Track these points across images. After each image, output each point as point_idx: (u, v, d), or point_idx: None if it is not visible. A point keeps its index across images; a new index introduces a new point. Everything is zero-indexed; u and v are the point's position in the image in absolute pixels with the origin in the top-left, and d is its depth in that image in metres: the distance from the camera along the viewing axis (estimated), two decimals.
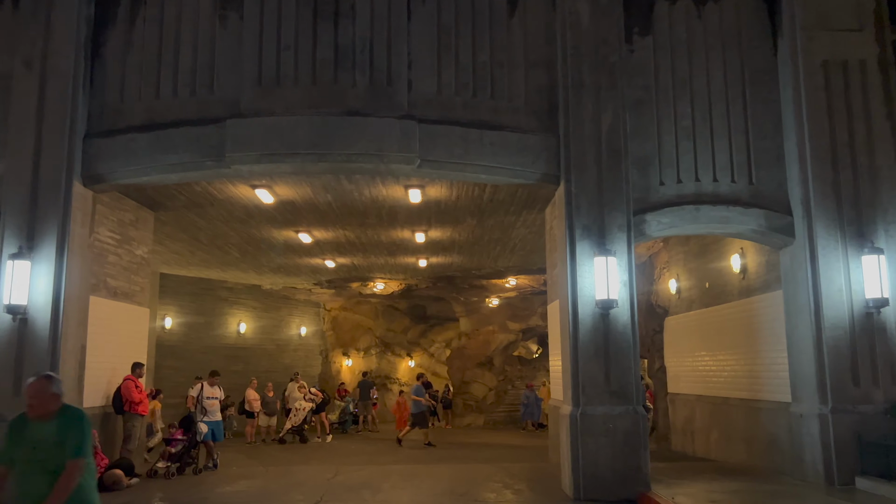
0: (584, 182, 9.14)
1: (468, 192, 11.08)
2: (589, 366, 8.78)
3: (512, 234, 14.19)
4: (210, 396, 11.50)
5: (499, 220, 12.98)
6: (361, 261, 17.57)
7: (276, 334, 23.06)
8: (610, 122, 9.26)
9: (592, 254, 8.94)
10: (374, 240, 14.81)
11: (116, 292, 10.81)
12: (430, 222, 13.13)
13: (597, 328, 8.85)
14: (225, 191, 10.90)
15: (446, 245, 15.42)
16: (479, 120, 9.37)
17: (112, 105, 9.49)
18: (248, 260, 17.22)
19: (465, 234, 14.22)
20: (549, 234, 11.60)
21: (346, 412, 21.20)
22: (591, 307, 8.87)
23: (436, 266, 18.45)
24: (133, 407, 10.44)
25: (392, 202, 11.58)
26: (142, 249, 11.74)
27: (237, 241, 14.76)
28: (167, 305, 19.46)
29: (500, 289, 21.77)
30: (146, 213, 11.86)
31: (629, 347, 8.83)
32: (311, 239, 14.44)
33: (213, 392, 11.58)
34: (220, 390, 11.83)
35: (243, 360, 21.55)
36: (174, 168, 9.35)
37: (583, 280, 8.93)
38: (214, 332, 20.87)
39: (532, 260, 17.35)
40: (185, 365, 19.38)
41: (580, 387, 8.75)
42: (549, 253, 11.64)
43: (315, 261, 17.39)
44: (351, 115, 9.11)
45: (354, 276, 20.38)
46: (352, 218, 12.74)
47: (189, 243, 15.06)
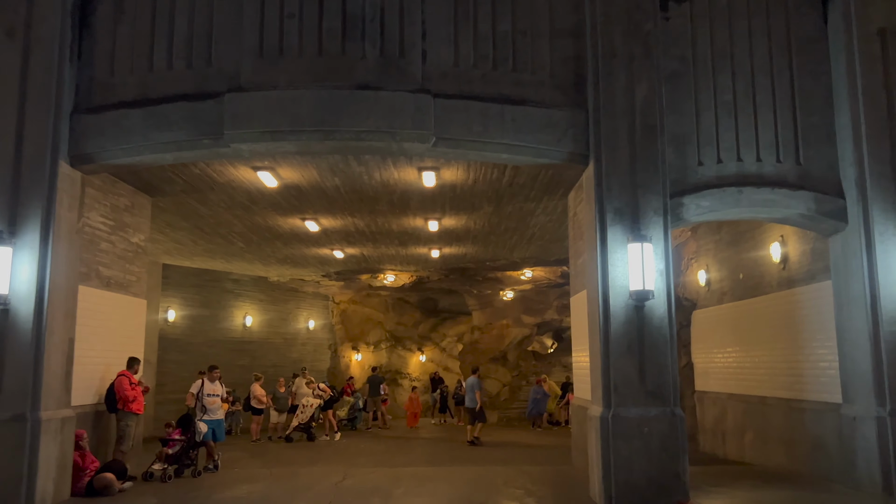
0: (615, 161, 8.33)
1: (486, 175, 10.29)
2: (621, 363, 7.99)
3: (530, 222, 13.39)
4: (210, 393, 10.77)
5: (517, 206, 12.18)
6: (371, 251, 16.82)
7: (283, 328, 22.39)
8: (644, 95, 8.43)
9: (625, 240, 8.13)
10: (385, 228, 14.05)
11: (110, 282, 10.10)
12: (444, 209, 12.36)
13: (630, 322, 8.05)
14: (225, 173, 10.16)
15: (460, 234, 14.64)
16: (500, 94, 8.56)
17: (101, 79, 8.74)
18: (253, 250, 16.50)
19: (481, 222, 13.43)
20: (573, 220, 10.81)
21: (356, 408, 20.50)
22: (624, 298, 8.08)
23: (449, 257, 17.67)
24: (126, 405, 9.73)
25: (404, 186, 10.80)
26: (138, 237, 11.03)
27: (241, 229, 14.04)
28: (170, 297, 18.80)
29: (515, 281, 20.97)
30: (143, 199, 11.15)
31: (666, 343, 8.03)
32: (319, 227, 13.69)
33: (214, 388, 10.85)
34: (221, 386, 11.10)
35: (250, 354, 20.89)
36: (169, 147, 8.60)
37: (615, 269, 8.13)
38: (219, 326, 20.20)
39: (550, 250, 16.56)
40: (189, 359, 18.75)
41: (612, 386, 7.96)
42: (573, 241, 10.85)
43: (323, 251, 16.66)
44: (360, 89, 8.33)
45: (364, 268, 19.64)
46: (361, 204, 11.98)
47: (191, 232, 14.35)
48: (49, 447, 7.91)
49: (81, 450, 8.80)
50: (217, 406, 10.78)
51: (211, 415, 10.62)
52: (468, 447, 15.23)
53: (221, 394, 11.05)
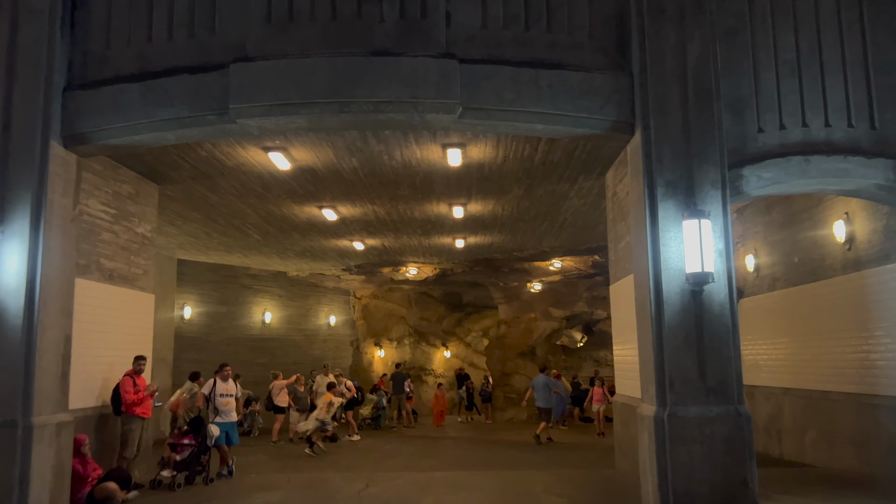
0: (666, 129, 7.40)
1: (517, 152, 9.40)
2: (678, 356, 7.07)
3: (563, 206, 12.47)
4: (223, 394, 9.99)
5: (550, 188, 11.28)
6: (393, 242, 16.01)
7: (303, 324, 21.69)
8: (697, 54, 7.49)
9: (679, 216, 7.21)
10: (407, 216, 13.21)
11: (112, 275, 9.38)
12: (470, 193, 11.48)
13: (687, 309, 7.12)
14: (234, 156, 9.39)
15: (487, 221, 13.76)
16: (534, 58, 7.66)
17: (97, 51, 7.99)
18: (270, 243, 15.77)
19: (510, 207, 12.54)
20: (612, 201, 9.89)
21: (379, 406, 19.73)
22: (680, 283, 7.15)
23: (474, 247, 16.80)
24: (129, 408, 9.01)
25: (427, 167, 9.95)
26: (144, 227, 10.31)
27: (256, 220, 13.29)
28: (186, 294, 18.17)
29: (544, 272, 20.04)
30: (149, 186, 10.42)
31: (728, 333, 7.09)
32: (337, 216, 12.90)
33: (227, 388, 10.08)
34: (235, 386, 10.33)
35: (269, 351, 20.22)
36: (170, 124, 7.82)
37: (667, 250, 7.21)
38: (238, 323, 19.54)
39: (581, 238, 15.62)
40: (207, 357, 18.08)
41: (667, 382, 7.04)
42: (613, 224, 9.93)
43: (342, 242, 15.88)
44: (378, 56, 7.48)
45: (385, 261, 18.84)
46: (381, 189, 11.15)
47: (204, 224, 13.63)
48: (43, 455, 7.18)
49: (82, 456, 8.08)
50: (230, 407, 10.02)
51: (224, 417, 9.87)
52: (501, 448, 14.38)
53: (236, 393, 10.29)
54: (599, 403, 16.71)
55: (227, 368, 10.33)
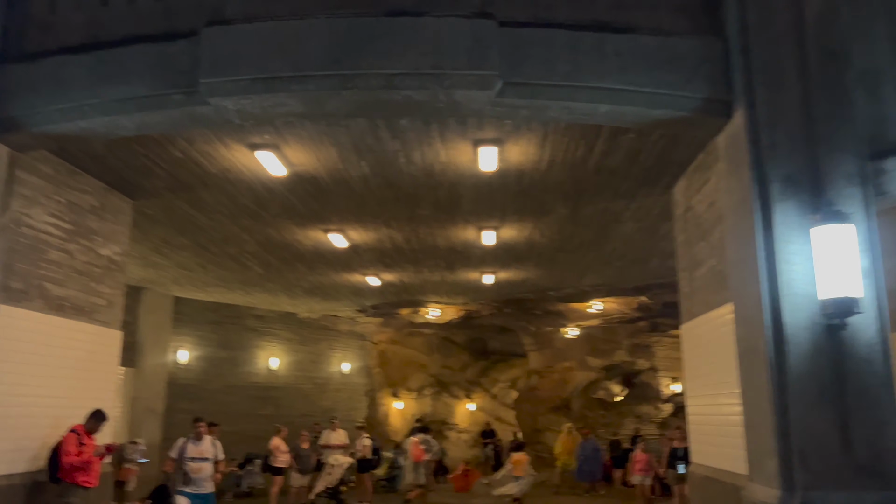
0: (780, 106, 5.48)
1: (567, 154, 7.49)
2: (810, 418, 4.98)
3: (614, 232, 10.49)
4: (195, 457, 7.95)
5: (601, 208, 9.34)
6: (412, 277, 14.09)
7: (314, 371, 19.67)
8: (818, 10, 5.60)
9: (805, 222, 5.21)
10: (428, 244, 11.31)
11: (63, 305, 7.54)
12: (504, 212, 9.57)
13: (820, 351, 5.06)
14: (216, 158, 7.60)
15: (522, 251, 11.80)
16: (596, 20, 5.85)
17: (39, 16, 6.37)
18: (273, 277, 13.93)
19: (550, 233, 10.59)
20: (685, 218, 7.91)
21: (396, 465, 17.49)
22: (809, 314, 5.10)
23: (504, 284, 14.82)
24: (69, 474, 7.02)
25: (454, 174, 8.07)
26: (111, 249, 8.51)
27: (253, 247, 11.47)
28: (183, 336, 16.31)
29: (581, 315, 17.94)
30: (118, 200, 8.66)
31: (882, 384, 5.00)
32: (347, 242, 11.03)
33: (200, 450, 8.02)
34: (212, 446, 8.26)
35: (274, 402, 18.17)
36: (126, 107, 6.09)
37: (789, 269, 5.19)
38: (240, 369, 17.58)
39: (629, 274, 13.58)
40: (203, 408, 16.00)
41: (796, 456, 4.93)
42: (686, 247, 7.93)
43: (355, 277, 13.99)
44: (393, 16, 5.73)
45: (404, 300, 16.90)
46: (398, 206, 9.29)
47: (195, 252, 11.85)
48: None
49: None
50: (205, 474, 7.92)
51: (196, 486, 7.80)
52: None
53: (213, 456, 8.21)
54: (643, 474, 12.90)
55: (201, 425, 8.28)
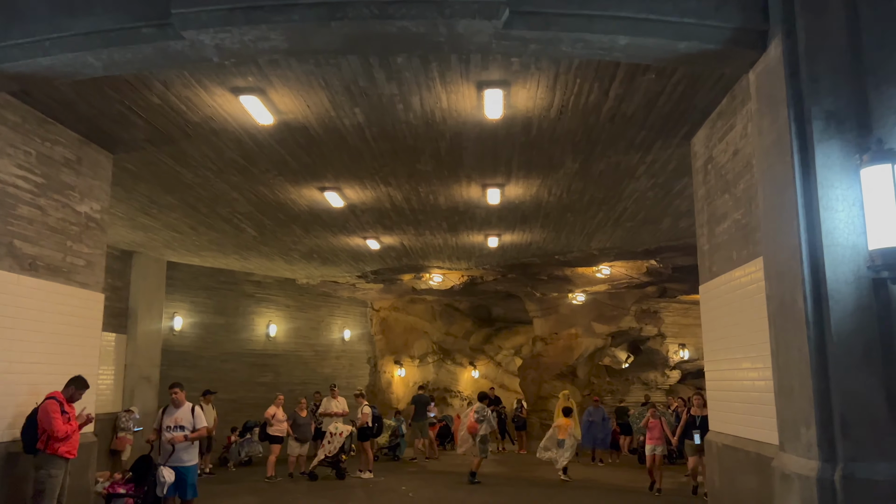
0: (822, 34, 4.84)
1: (579, 99, 6.87)
2: (854, 382, 4.45)
3: (626, 189, 9.89)
4: (170, 426, 7.42)
5: (614, 162, 8.73)
6: (413, 241, 13.54)
7: (314, 338, 19.25)
8: None
9: (852, 163, 4.62)
10: (430, 203, 10.73)
11: (36, 265, 7.03)
12: (510, 167, 8.97)
13: (867, 308, 4.51)
14: (197, 104, 6.99)
15: (528, 211, 11.22)
16: None
17: None
18: (269, 240, 13.39)
19: (559, 190, 9.99)
20: (706, 170, 7.33)
21: (398, 433, 17.18)
22: (854, 266, 4.54)
23: (509, 248, 14.26)
24: (52, 445, 6.57)
25: (457, 123, 7.46)
26: (89, 205, 7.97)
27: (245, 207, 10.91)
28: (177, 302, 15.84)
29: (588, 281, 17.40)
30: (96, 153, 8.09)
31: None
32: (343, 202, 10.46)
33: (177, 418, 7.45)
34: (190, 414, 7.59)
35: (273, 369, 17.80)
36: (91, 41, 5.50)
37: (832, 216, 4.61)
38: (237, 336, 17.15)
39: (639, 236, 13.00)
40: (200, 375, 15.74)
41: (837, 424, 4.42)
42: (706, 201, 7.36)
43: (354, 240, 13.44)
44: None
45: (405, 266, 16.37)
46: (396, 161, 8.70)
47: (185, 213, 11.29)
48: None
49: None
50: (185, 445, 7.38)
51: (177, 458, 7.30)
52: (540, 494, 11.70)
53: (192, 424, 7.57)
54: (655, 443, 11.74)
55: (175, 391, 7.68)
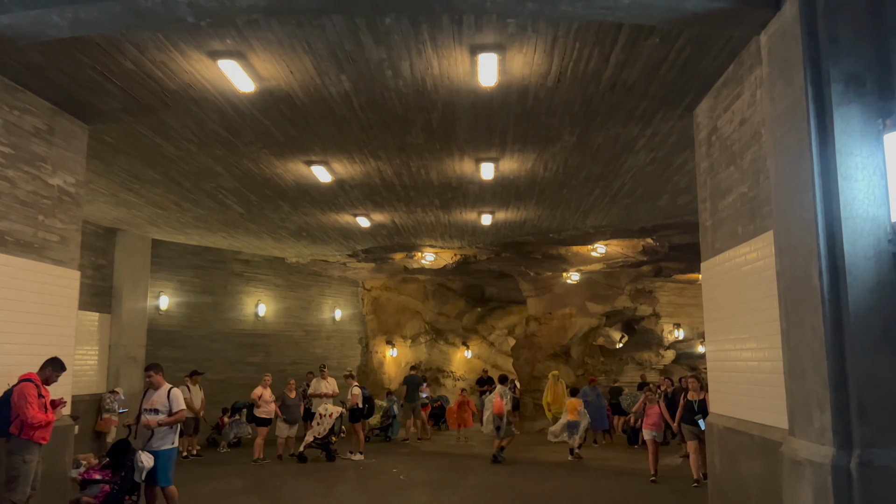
0: None
1: (578, 65, 6.50)
2: (872, 363, 4.17)
3: (624, 164, 9.56)
4: (147, 409, 7.09)
5: (613, 134, 8.38)
6: (405, 218, 13.19)
7: (304, 318, 18.94)
8: None
9: (873, 128, 4.31)
10: (421, 179, 10.38)
11: (5, 240, 6.67)
12: (505, 140, 8.62)
13: (886, 283, 4.22)
14: (174, 69, 6.59)
15: (523, 188, 10.88)
16: None
17: None
18: (255, 217, 13.02)
19: (555, 165, 9.65)
20: (709, 143, 7.02)
21: (390, 414, 16.98)
22: (873, 240, 4.25)
23: (503, 226, 13.94)
24: (25, 430, 6.25)
25: (449, 91, 7.09)
26: (62, 178, 7.59)
27: (230, 183, 10.53)
28: (163, 281, 15.48)
29: (583, 259, 17.12)
30: (70, 124, 7.69)
31: None
32: (331, 177, 10.09)
33: (152, 401, 7.05)
34: (167, 398, 7.13)
35: (263, 349, 17.51)
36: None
37: (851, 186, 4.30)
38: (226, 315, 16.82)
39: (636, 214, 12.69)
40: (187, 355, 15.46)
41: (854, 408, 4.15)
42: (709, 175, 7.05)
43: (344, 218, 13.09)
44: None
45: (397, 244, 16.03)
46: (386, 132, 8.32)
47: (168, 189, 10.91)
48: None
49: None
50: (163, 431, 7.02)
51: (147, 442, 6.96)
52: (535, 474, 11.49)
53: (167, 408, 7.19)
54: (653, 429, 11.20)
55: (151, 373, 7.30)
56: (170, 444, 6.96)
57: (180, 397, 7.12)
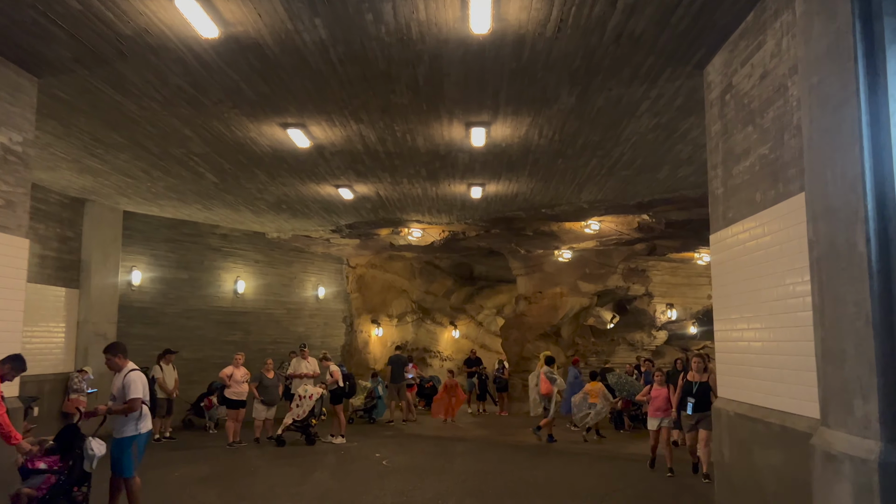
0: None
1: (581, 10, 5.81)
2: None
3: (625, 130, 8.90)
4: (112, 394, 6.41)
5: (615, 95, 7.70)
6: (390, 190, 12.49)
7: (286, 296, 18.25)
8: None
9: None
10: (407, 146, 9.67)
11: None
12: (497, 99, 7.91)
13: None
14: (127, 10, 5.83)
15: (515, 157, 10.21)
16: None
17: None
18: (231, 187, 12.27)
19: (551, 130, 8.97)
20: (722, 102, 6.38)
21: (375, 395, 16.40)
22: None
23: (493, 200, 13.27)
24: None
25: (436, 39, 6.37)
26: (7, 136, 6.87)
27: (201, 148, 9.78)
28: (136, 255, 14.73)
29: (576, 237, 16.50)
30: (15, 76, 6.93)
31: None
32: (310, 141, 9.36)
33: (114, 385, 6.43)
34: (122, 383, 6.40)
35: (243, 327, 16.83)
36: None
37: None
38: (203, 292, 16.09)
39: (634, 188, 12.06)
40: (162, 333, 14.78)
41: None
42: (721, 138, 6.43)
43: (326, 189, 12.37)
44: None
45: (382, 219, 15.33)
46: (367, 89, 7.59)
47: (135, 154, 10.15)
48: None
49: None
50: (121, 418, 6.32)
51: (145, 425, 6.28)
52: (523, 458, 10.95)
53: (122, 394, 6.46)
54: (660, 415, 10.12)
55: (107, 355, 6.55)
56: (131, 432, 6.27)
57: (137, 383, 6.41)
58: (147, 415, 6.40)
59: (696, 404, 9.40)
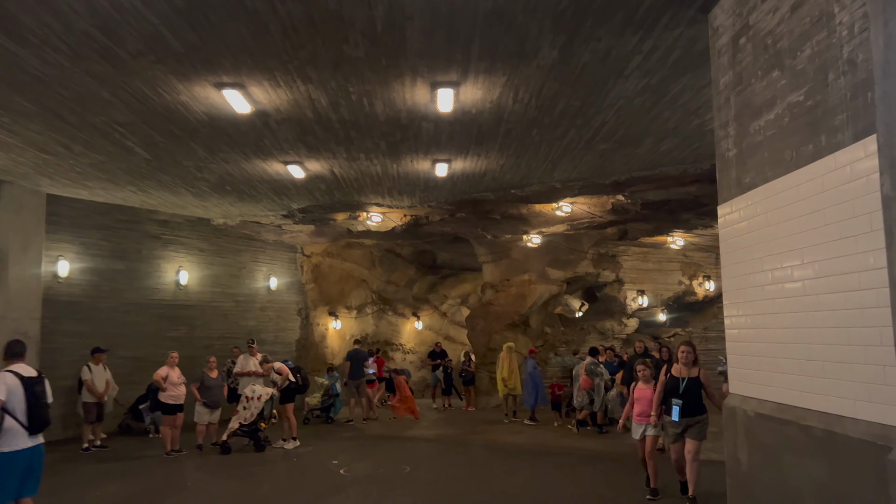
0: None
1: None
2: None
3: (609, 93, 7.91)
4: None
5: (603, 47, 6.69)
6: (346, 168, 11.31)
7: (235, 287, 16.91)
8: None
9: None
10: (364, 112, 8.52)
11: None
12: (469, 51, 6.81)
13: None
14: None
15: (486, 126, 9.15)
16: None
17: None
18: (166, 165, 10.94)
19: (528, 92, 7.92)
20: (734, 48, 5.44)
21: (332, 393, 15.24)
22: None
23: (460, 179, 12.20)
24: None
25: None
26: None
27: (126, 115, 8.47)
28: (63, 244, 13.25)
29: (545, 220, 15.54)
30: None
31: None
32: (251, 106, 8.12)
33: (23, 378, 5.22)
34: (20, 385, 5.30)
35: (187, 321, 15.47)
36: None
37: None
38: (141, 284, 14.67)
39: (611, 163, 11.14)
40: (95, 329, 13.38)
41: None
42: (733, 92, 5.49)
43: (273, 166, 11.12)
44: None
45: (338, 202, 14.14)
46: (315, 36, 6.43)
47: (49, 125, 8.79)
48: None
49: None
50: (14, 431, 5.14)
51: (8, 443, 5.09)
52: (498, 460, 9.96)
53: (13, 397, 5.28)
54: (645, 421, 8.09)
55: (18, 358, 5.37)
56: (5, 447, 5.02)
57: None
58: (11, 429, 5.15)
59: (684, 407, 7.51)
